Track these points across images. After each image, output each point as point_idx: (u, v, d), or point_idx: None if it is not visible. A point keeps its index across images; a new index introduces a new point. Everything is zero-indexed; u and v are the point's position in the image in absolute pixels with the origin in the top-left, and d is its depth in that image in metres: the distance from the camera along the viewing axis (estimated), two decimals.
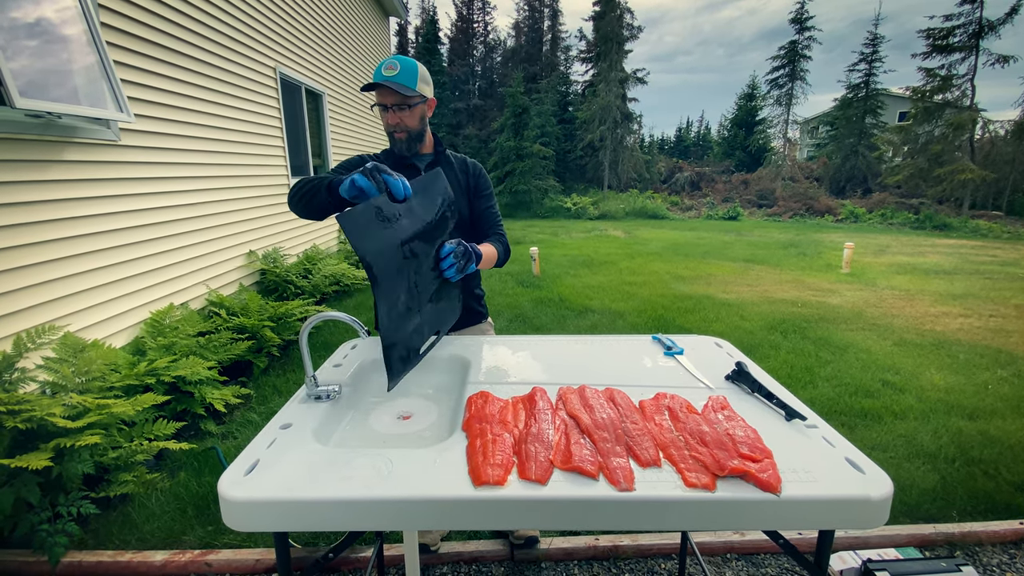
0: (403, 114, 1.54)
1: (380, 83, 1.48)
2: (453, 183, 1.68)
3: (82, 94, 2.61)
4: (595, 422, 1.04)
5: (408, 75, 1.50)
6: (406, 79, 1.50)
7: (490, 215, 1.77)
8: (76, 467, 1.93)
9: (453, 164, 1.72)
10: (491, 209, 1.77)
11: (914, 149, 17.36)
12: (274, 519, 0.85)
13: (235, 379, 3.32)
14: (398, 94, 1.49)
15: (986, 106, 22.81)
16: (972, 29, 15.56)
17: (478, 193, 1.74)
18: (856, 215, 15.81)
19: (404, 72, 1.50)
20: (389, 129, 1.58)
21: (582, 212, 16.58)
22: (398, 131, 1.57)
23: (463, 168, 1.74)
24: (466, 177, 1.73)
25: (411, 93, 1.51)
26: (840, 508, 0.84)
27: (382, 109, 1.55)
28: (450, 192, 1.42)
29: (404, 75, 1.50)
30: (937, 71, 16.25)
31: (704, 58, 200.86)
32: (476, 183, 1.74)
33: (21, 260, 2.41)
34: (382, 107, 1.55)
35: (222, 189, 4.26)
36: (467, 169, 1.74)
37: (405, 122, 1.56)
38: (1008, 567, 1.87)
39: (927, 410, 3.02)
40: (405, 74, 1.50)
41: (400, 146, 1.61)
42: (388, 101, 1.52)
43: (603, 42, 20.13)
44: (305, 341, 1.17)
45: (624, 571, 1.86)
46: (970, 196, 15.76)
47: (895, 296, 5.97)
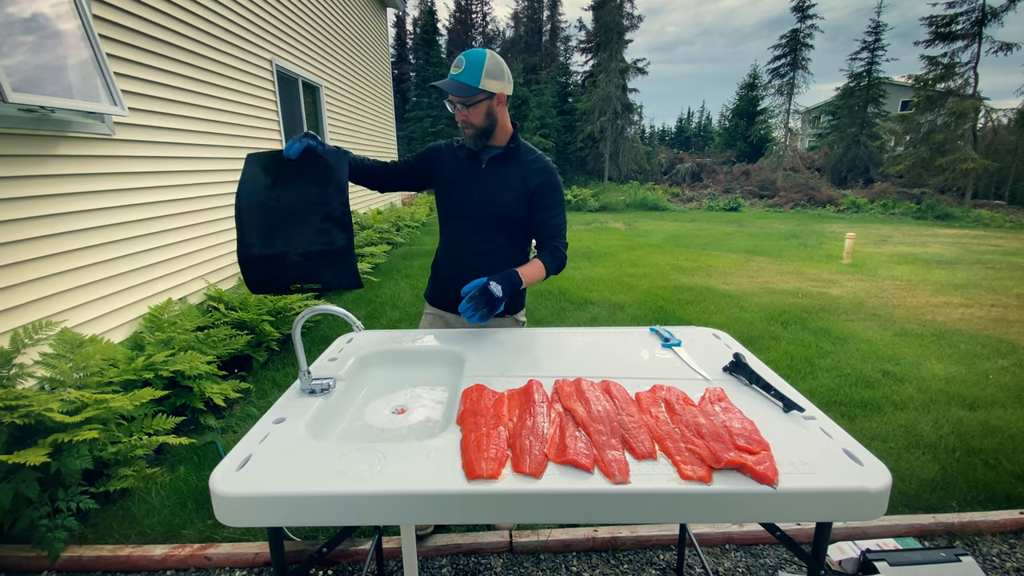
0: (468, 111, 1.56)
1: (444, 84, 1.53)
2: (513, 179, 1.65)
3: (76, 88, 2.58)
4: (590, 415, 1.03)
5: (472, 72, 1.51)
6: (469, 76, 1.51)
7: (549, 225, 1.70)
8: (75, 462, 1.93)
9: (521, 162, 1.68)
10: (552, 219, 1.70)
11: (916, 138, 17.26)
12: (266, 514, 0.84)
13: (234, 373, 3.32)
14: (457, 94, 1.53)
15: (989, 94, 22.67)
16: (975, 16, 15.42)
17: (538, 200, 1.67)
18: (858, 205, 15.75)
19: (468, 69, 1.51)
20: (459, 124, 1.61)
21: (582, 204, 16.52)
22: (466, 127, 1.60)
23: (533, 169, 1.67)
24: (526, 180, 1.66)
25: (471, 91, 1.52)
26: (838, 500, 0.83)
27: (452, 104, 1.59)
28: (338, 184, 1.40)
29: (468, 72, 1.51)
30: (940, 59, 16.12)
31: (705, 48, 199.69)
32: (538, 188, 1.66)
33: (17, 255, 2.40)
34: (452, 103, 1.58)
35: (219, 183, 4.24)
36: (536, 171, 1.67)
37: (470, 119, 1.57)
38: (1008, 557, 1.87)
39: (927, 400, 3.02)
40: (469, 71, 1.51)
41: (468, 140, 1.65)
42: (454, 99, 1.55)
43: (603, 32, 19.97)
44: (298, 335, 1.17)
45: (623, 562, 1.86)
46: (972, 185, 15.68)
47: (896, 286, 5.95)
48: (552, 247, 1.69)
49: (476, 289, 1.41)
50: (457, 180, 1.71)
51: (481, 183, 1.68)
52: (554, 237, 1.70)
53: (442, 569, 1.84)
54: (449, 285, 1.74)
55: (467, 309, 1.39)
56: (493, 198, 1.67)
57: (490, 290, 1.41)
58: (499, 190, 1.66)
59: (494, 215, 1.68)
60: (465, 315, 1.40)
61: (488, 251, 1.71)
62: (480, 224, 1.70)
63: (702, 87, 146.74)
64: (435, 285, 1.88)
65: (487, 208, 1.67)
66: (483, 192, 1.67)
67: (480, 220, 1.69)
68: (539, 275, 1.62)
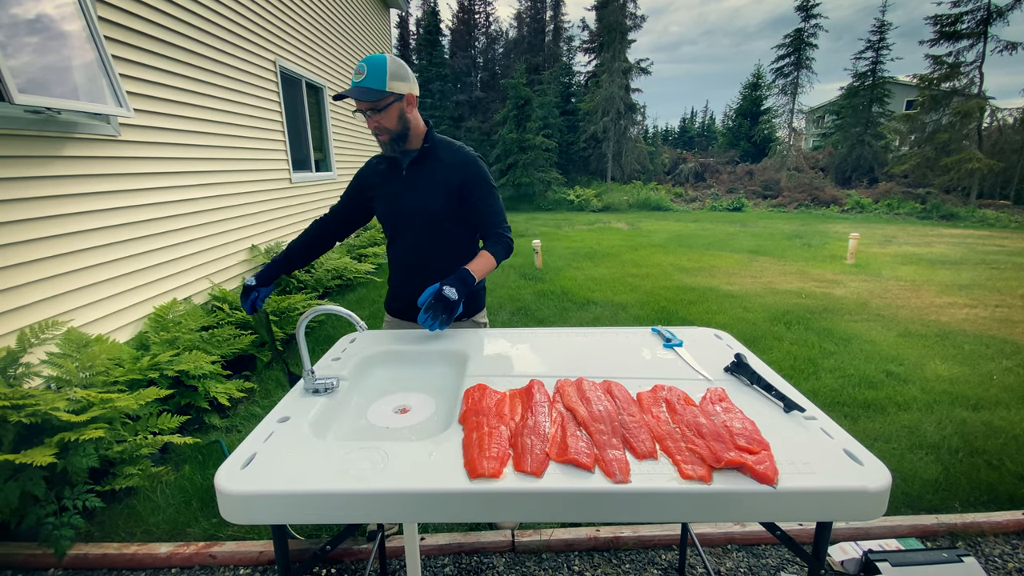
0: (379, 117, 1.52)
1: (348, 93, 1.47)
2: (436, 180, 1.63)
3: (81, 89, 2.60)
4: (592, 414, 1.03)
5: (376, 76, 1.47)
6: (374, 81, 1.47)
7: (488, 212, 1.68)
8: (81, 461, 1.95)
9: (441, 159, 1.65)
10: (490, 207, 1.68)
11: (921, 138, 17.16)
12: (271, 512, 0.85)
13: (238, 373, 3.34)
14: (366, 100, 1.48)
15: (994, 94, 22.57)
16: (980, 15, 15.30)
17: (468, 194, 1.65)
18: (862, 205, 15.69)
19: (371, 74, 1.47)
20: (373, 132, 1.58)
21: (585, 204, 16.51)
22: (380, 134, 1.57)
23: (454, 163, 1.65)
24: (451, 176, 1.64)
25: (379, 96, 1.48)
26: (837, 500, 0.83)
27: (363, 113, 1.55)
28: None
29: (372, 77, 1.47)
30: (945, 58, 16.03)
31: (709, 47, 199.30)
32: (464, 182, 1.64)
33: (24, 256, 2.42)
34: (362, 112, 1.54)
35: (223, 184, 4.26)
36: (457, 165, 1.65)
37: (383, 124, 1.54)
38: (1010, 558, 1.87)
39: (931, 401, 3.01)
40: (373, 76, 1.47)
41: (385, 148, 1.61)
42: (362, 106, 1.51)
43: (606, 32, 19.93)
44: (302, 335, 1.18)
45: (625, 562, 1.87)
46: (977, 185, 15.59)
47: (900, 287, 5.93)
48: (496, 235, 1.67)
49: (431, 297, 1.41)
50: (383, 193, 1.70)
51: (405, 189, 1.66)
52: (495, 225, 1.68)
53: (444, 568, 1.85)
54: (401, 295, 1.78)
55: (425, 319, 1.38)
56: (420, 202, 1.65)
57: (444, 295, 1.40)
58: (424, 192, 1.64)
59: (426, 218, 1.66)
60: (425, 325, 1.39)
61: (432, 255, 1.70)
62: (416, 230, 1.69)
63: (706, 87, 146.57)
64: (390, 295, 1.88)
65: (417, 213, 1.66)
66: (409, 198, 1.66)
67: (414, 226, 1.68)
68: (490, 266, 1.60)
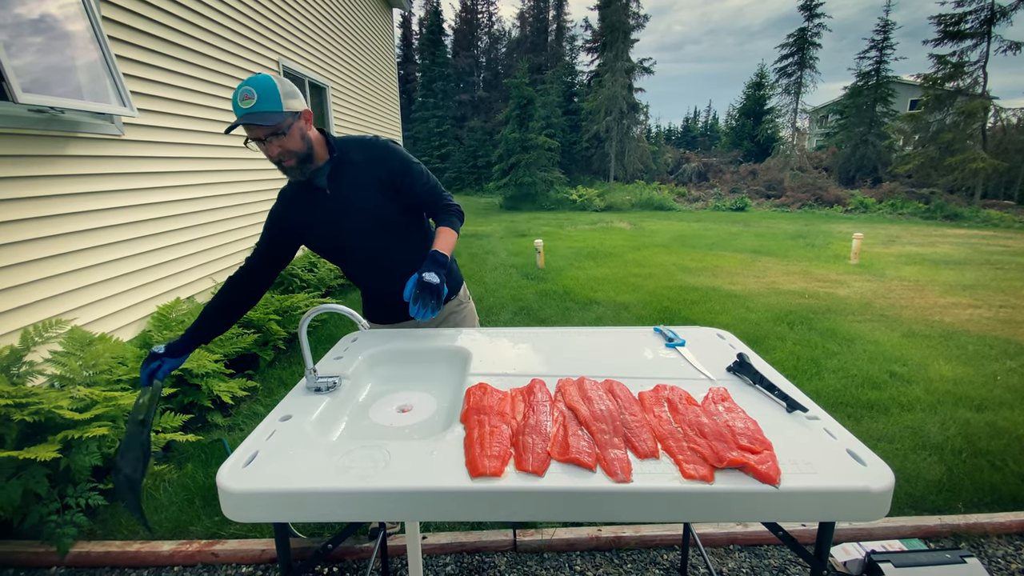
0: (281, 141, 1.37)
1: (241, 120, 1.32)
2: (364, 183, 1.53)
3: (85, 89, 2.61)
4: (593, 414, 1.03)
5: (269, 98, 1.32)
6: (268, 103, 1.32)
7: (426, 192, 1.60)
8: (84, 459, 1.95)
9: (356, 162, 1.54)
10: (424, 185, 1.59)
11: (925, 138, 17.10)
12: (272, 510, 0.85)
13: (241, 372, 3.35)
14: (267, 124, 1.33)
15: (998, 93, 22.51)
16: (984, 15, 15.24)
17: (400, 178, 1.55)
18: (865, 205, 15.64)
19: (264, 97, 1.32)
20: (274, 160, 1.42)
21: (588, 204, 16.49)
22: (286, 159, 1.41)
23: (371, 159, 1.55)
24: (375, 172, 1.54)
25: (280, 118, 1.34)
26: (840, 500, 0.83)
27: (257, 143, 1.38)
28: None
29: (265, 100, 1.32)
30: (948, 58, 15.96)
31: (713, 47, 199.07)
32: (391, 174, 1.54)
33: (28, 255, 2.42)
34: (257, 141, 1.38)
35: (226, 183, 4.28)
36: (376, 162, 1.55)
37: (287, 147, 1.39)
38: (1014, 559, 1.86)
39: (934, 402, 3.00)
40: (265, 98, 1.32)
41: (293, 173, 1.45)
42: (260, 134, 1.35)
43: (609, 31, 19.92)
44: (304, 333, 1.18)
45: (626, 562, 1.87)
46: (981, 185, 15.53)
47: (904, 287, 5.91)
48: (443, 207, 1.61)
49: (415, 287, 1.36)
50: (314, 220, 1.56)
51: (338, 205, 1.53)
52: (437, 199, 1.61)
53: (446, 567, 1.85)
54: (377, 300, 1.72)
55: (417, 310, 1.34)
56: (360, 212, 1.54)
57: (427, 281, 1.36)
58: (359, 199, 1.53)
59: (373, 223, 1.57)
60: (419, 316, 1.34)
61: (393, 254, 1.62)
62: (368, 238, 1.58)
63: (709, 86, 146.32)
64: (367, 306, 1.78)
65: (362, 222, 1.55)
66: (348, 211, 1.54)
67: (365, 235, 1.57)
68: (453, 239, 1.55)
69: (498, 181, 18.02)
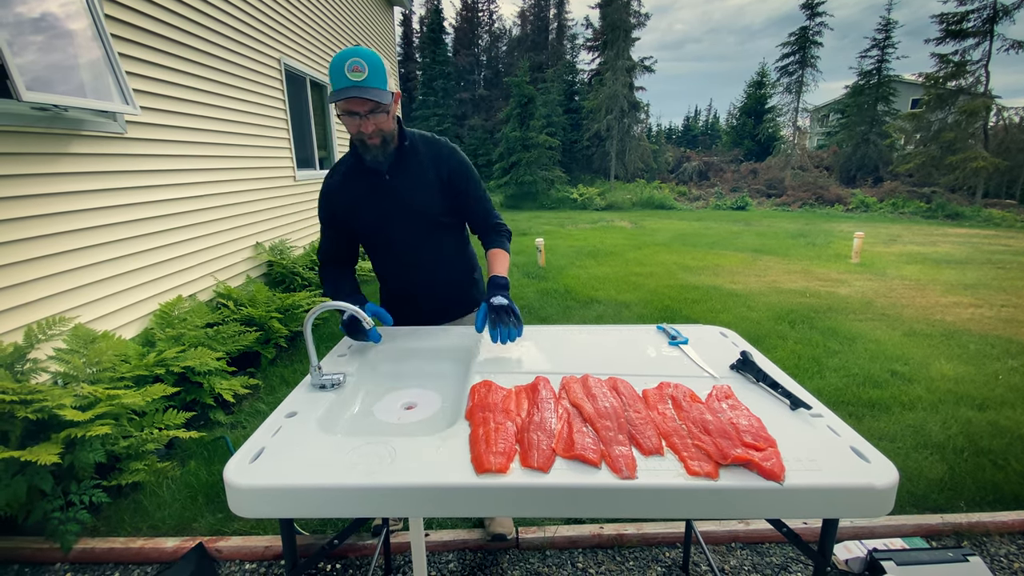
0: (379, 119, 1.35)
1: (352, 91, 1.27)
2: (424, 178, 1.52)
3: (88, 87, 2.61)
4: (598, 411, 1.03)
5: (378, 75, 1.29)
6: (378, 80, 1.28)
7: (480, 204, 1.61)
8: (88, 456, 1.96)
9: (421, 156, 1.53)
10: (480, 198, 1.61)
11: (926, 137, 17.08)
12: (278, 505, 0.86)
13: (243, 370, 3.35)
14: (379, 101, 1.30)
15: (1000, 92, 22.46)
16: (986, 14, 15.22)
17: (457, 185, 1.56)
18: (867, 204, 15.63)
19: (374, 73, 1.28)
20: (361, 136, 1.39)
21: (588, 203, 16.49)
22: (372, 137, 1.38)
23: (436, 156, 1.54)
24: (437, 170, 1.54)
25: (388, 97, 1.32)
26: (844, 497, 0.83)
27: (349, 116, 1.34)
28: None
29: (375, 76, 1.28)
30: (950, 57, 15.94)
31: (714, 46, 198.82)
32: (451, 175, 1.55)
33: (31, 252, 2.43)
34: (350, 114, 1.34)
35: (228, 181, 4.27)
36: (439, 159, 1.54)
37: (382, 126, 1.37)
38: (1016, 558, 1.86)
39: (936, 400, 3.00)
40: (375, 75, 1.28)
41: (375, 152, 1.43)
42: (363, 108, 1.31)
43: (610, 30, 19.90)
44: (309, 331, 1.18)
45: (628, 559, 1.87)
46: (983, 184, 15.52)
47: (905, 286, 5.91)
48: (494, 226, 1.64)
49: (489, 314, 1.37)
50: (366, 205, 1.53)
51: (394, 194, 1.52)
52: (488, 216, 1.64)
53: (449, 564, 1.86)
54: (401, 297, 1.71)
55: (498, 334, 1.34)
56: (416, 204, 1.53)
57: (496, 304, 1.38)
58: (417, 192, 1.52)
59: (425, 219, 1.56)
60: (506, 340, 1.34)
61: (432, 257, 1.64)
62: (414, 233, 1.58)
63: (710, 85, 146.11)
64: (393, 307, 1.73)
65: (415, 216, 1.55)
66: (402, 202, 1.53)
67: (413, 230, 1.57)
68: (508, 262, 1.60)
69: (499, 180, 18.02)
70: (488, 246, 1.64)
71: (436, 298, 1.71)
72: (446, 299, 1.73)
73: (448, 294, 1.73)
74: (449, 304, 1.74)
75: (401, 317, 1.73)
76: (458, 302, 1.76)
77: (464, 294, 1.76)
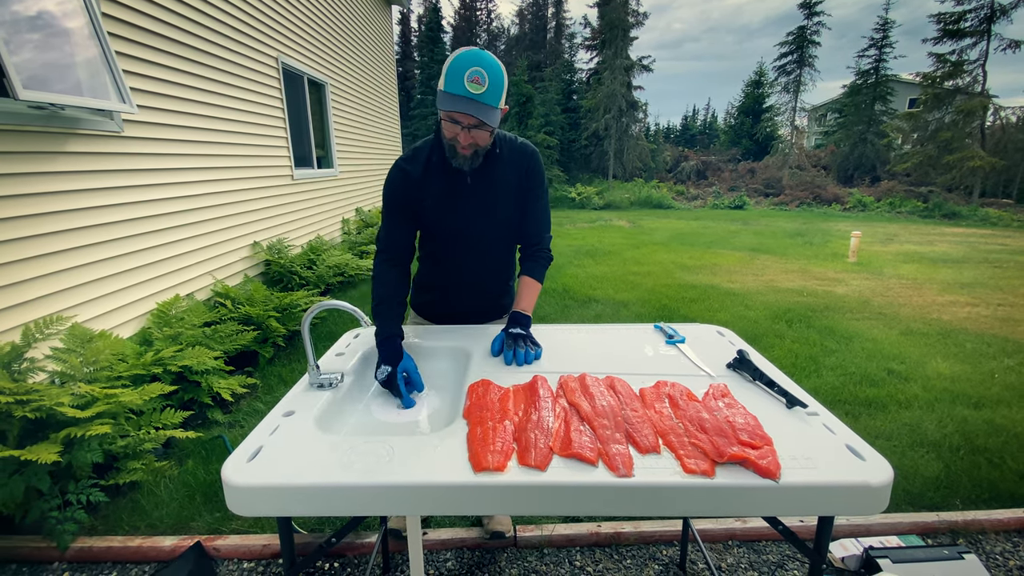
0: (480, 134, 1.32)
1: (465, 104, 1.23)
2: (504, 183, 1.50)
3: (85, 86, 2.61)
4: (595, 409, 1.04)
5: (496, 92, 1.24)
6: (494, 97, 1.24)
7: (537, 217, 1.57)
8: (85, 455, 1.96)
9: (504, 162, 1.49)
10: (542, 210, 1.57)
11: (924, 136, 17.11)
12: (277, 504, 0.86)
13: (241, 369, 3.35)
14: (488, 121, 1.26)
15: (997, 92, 22.50)
16: (983, 14, 15.25)
17: (529, 190, 1.53)
18: (864, 204, 15.66)
19: (492, 89, 1.23)
20: (454, 142, 1.35)
21: (587, 202, 16.50)
22: (467, 148, 1.35)
23: (516, 160, 1.51)
24: (518, 176, 1.51)
25: (498, 116, 1.28)
26: (839, 494, 0.84)
27: (451, 122, 1.30)
28: None
29: (492, 93, 1.24)
30: (948, 56, 15.97)
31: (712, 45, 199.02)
32: (528, 179, 1.51)
33: (28, 251, 2.42)
34: (453, 121, 1.29)
35: (226, 180, 4.27)
36: (519, 159, 1.51)
37: (477, 141, 1.33)
38: (1011, 555, 1.87)
39: (932, 399, 3.01)
40: (493, 91, 1.24)
41: (461, 161, 1.39)
42: (468, 122, 1.27)
43: (608, 29, 19.88)
44: (307, 330, 1.18)
45: (626, 557, 1.88)
46: (980, 184, 15.56)
47: (902, 285, 5.92)
48: (538, 249, 1.59)
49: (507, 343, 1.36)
50: (444, 203, 1.49)
51: (472, 197, 1.48)
52: (540, 232, 1.59)
53: (447, 563, 1.86)
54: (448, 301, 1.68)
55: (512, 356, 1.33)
56: (488, 208, 1.51)
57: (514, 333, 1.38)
58: (493, 198, 1.50)
59: (493, 223, 1.54)
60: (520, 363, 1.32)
61: (490, 263, 1.62)
62: (483, 240, 1.55)
63: (708, 84, 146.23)
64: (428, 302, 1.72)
65: (490, 223, 1.53)
66: (476, 206, 1.50)
67: (483, 237, 1.55)
68: (536, 293, 1.55)
69: None
70: (523, 271, 1.59)
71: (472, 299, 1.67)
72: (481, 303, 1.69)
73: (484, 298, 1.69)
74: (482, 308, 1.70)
75: (425, 306, 1.72)
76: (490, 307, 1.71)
77: (497, 302, 1.72)
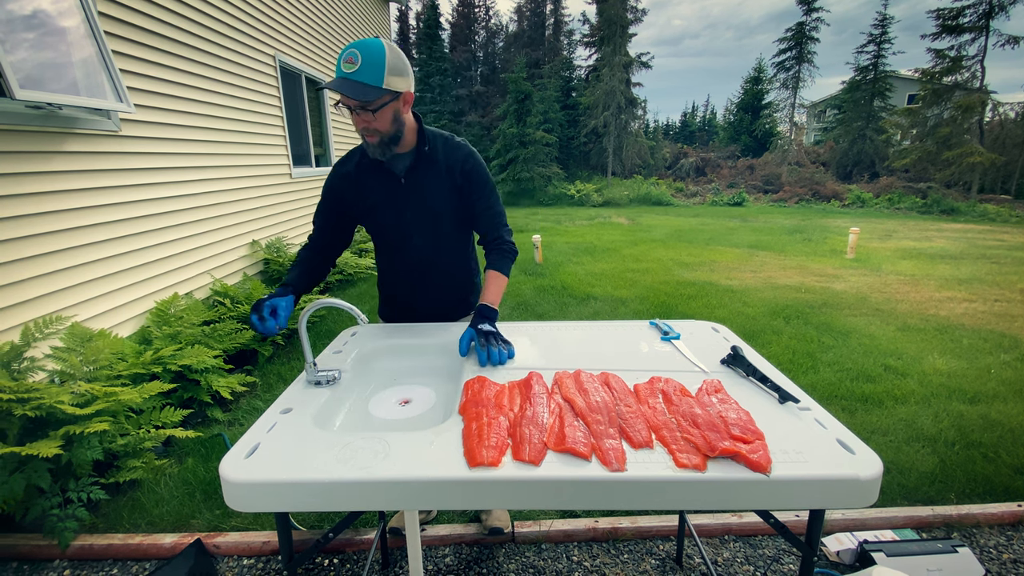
0: (369, 117, 1.30)
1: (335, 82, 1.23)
2: (440, 183, 1.50)
3: (82, 85, 2.61)
4: (589, 405, 1.05)
5: (372, 69, 1.22)
6: (369, 75, 1.23)
7: (489, 215, 1.56)
8: (85, 454, 1.97)
9: (438, 162, 1.49)
10: (490, 208, 1.57)
11: (922, 132, 17.11)
12: (274, 500, 0.87)
13: (240, 367, 3.36)
14: (358, 99, 1.24)
15: (996, 88, 22.55)
16: (982, 9, 15.23)
17: (470, 192, 1.54)
18: (863, 200, 15.67)
19: (367, 66, 1.22)
20: (358, 132, 1.36)
21: (586, 199, 16.50)
22: (368, 135, 1.35)
23: (453, 161, 1.51)
24: (452, 177, 1.51)
25: (375, 94, 1.25)
26: (829, 488, 0.85)
27: (348, 109, 1.30)
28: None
29: (367, 70, 1.22)
30: (947, 52, 15.96)
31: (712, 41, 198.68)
32: (467, 180, 1.52)
33: (27, 251, 2.43)
34: (348, 107, 1.30)
35: (224, 179, 4.27)
36: (455, 166, 1.51)
37: (373, 125, 1.32)
38: (1005, 548, 1.89)
39: (928, 394, 3.03)
40: (368, 68, 1.22)
41: (372, 151, 1.39)
42: (351, 103, 1.27)
43: (607, 26, 19.84)
44: (304, 328, 1.19)
45: (623, 552, 1.89)
46: (978, 180, 15.57)
47: (900, 281, 5.94)
48: (499, 243, 1.57)
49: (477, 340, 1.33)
50: (379, 204, 1.51)
51: (407, 199, 1.50)
52: (497, 227, 1.58)
53: (445, 558, 1.87)
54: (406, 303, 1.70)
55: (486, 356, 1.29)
56: (425, 210, 1.51)
57: (484, 331, 1.35)
58: (429, 200, 1.50)
59: (433, 225, 1.55)
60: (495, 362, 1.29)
61: (440, 261, 1.63)
62: (421, 239, 1.57)
63: (707, 81, 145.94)
64: (389, 306, 1.75)
65: (423, 222, 1.53)
66: (413, 208, 1.51)
67: (419, 236, 1.56)
68: (503, 286, 1.53)
69: (496, 176, 18.01)
70: (488, 265, 1.58)
71: (434, 299, 1.69)
72: (444, 301, 1.71)
73: (447, 297, 1.71)
74: (446, 307, 1.72)
75: (396, 314, 1.75)
76: (455, 306, 1.73)
77: (462, 301, 1.74)
